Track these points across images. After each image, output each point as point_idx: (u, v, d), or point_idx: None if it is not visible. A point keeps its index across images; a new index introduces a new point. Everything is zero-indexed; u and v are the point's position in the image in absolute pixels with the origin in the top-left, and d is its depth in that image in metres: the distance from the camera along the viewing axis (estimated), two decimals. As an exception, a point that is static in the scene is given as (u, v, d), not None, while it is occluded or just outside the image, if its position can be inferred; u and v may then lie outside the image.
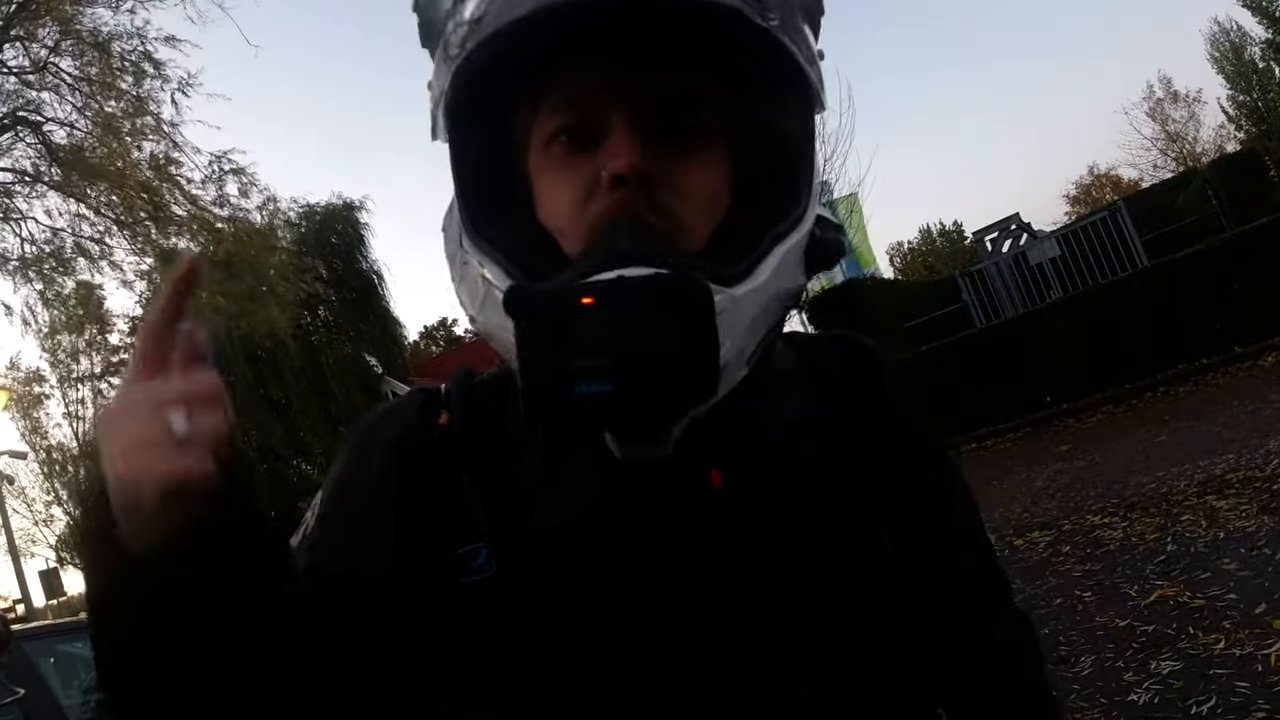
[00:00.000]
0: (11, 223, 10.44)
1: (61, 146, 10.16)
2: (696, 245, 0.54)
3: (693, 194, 0.54)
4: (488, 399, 0.59)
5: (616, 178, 0.51)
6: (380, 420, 0.64)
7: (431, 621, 0.53)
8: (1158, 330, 8.58)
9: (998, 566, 0.68)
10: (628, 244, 0.49)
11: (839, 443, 0.60)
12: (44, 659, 3.17)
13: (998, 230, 13.49)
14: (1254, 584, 3.25)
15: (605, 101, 0.53)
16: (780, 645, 0.53)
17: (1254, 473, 4.60)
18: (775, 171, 0.57)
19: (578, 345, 0.43)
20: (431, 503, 0.56)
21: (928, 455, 0.65)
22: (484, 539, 0.54)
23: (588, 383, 0.43)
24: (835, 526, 0.57)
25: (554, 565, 0.53)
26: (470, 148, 0.57)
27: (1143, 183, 26.69)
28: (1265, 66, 22.45)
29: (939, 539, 0.63)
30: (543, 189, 0.57)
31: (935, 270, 31.63)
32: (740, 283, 0.50)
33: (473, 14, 0.51)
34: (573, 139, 0.55)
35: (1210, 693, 2.60)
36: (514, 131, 0.58)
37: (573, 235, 0.54)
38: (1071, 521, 5.12)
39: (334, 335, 20.02)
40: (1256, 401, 6.36)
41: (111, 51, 9.94)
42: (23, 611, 13.70)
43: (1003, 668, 0.63)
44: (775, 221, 0.54)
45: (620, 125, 0.53)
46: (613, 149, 0.52)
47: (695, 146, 0.55)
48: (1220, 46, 23.45)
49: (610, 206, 0.52)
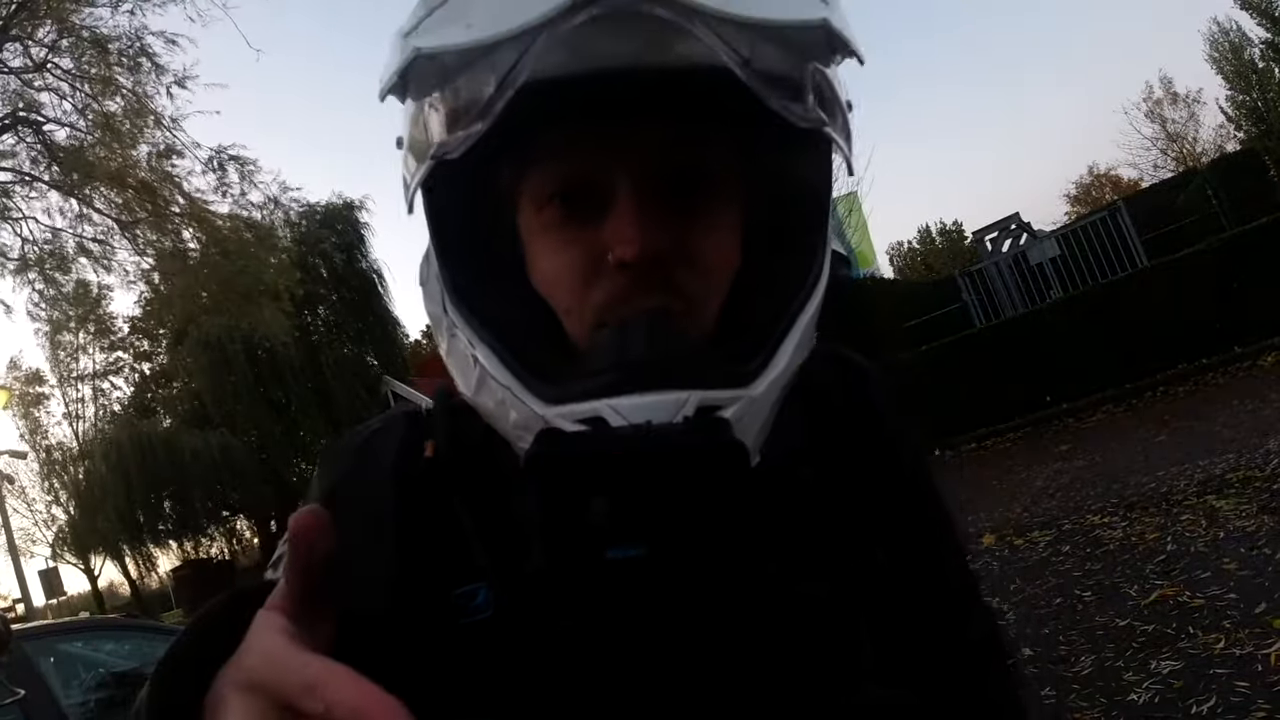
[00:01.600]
0: (11, 222, 10.46)
1: (61, 146, 10.18)
2: (709, 320, 0.51)
3: (707, 263, 0.50)
4: (473, 423, 0.54)
5: (625, 264, 0.47)
6: (367, 444, 0.59)
7: (428, 665, 0.50)
8: (1157, 330, 8.58)
9: (970, 567, 0.68)
10: (642, 350, 0.45)
11: (833, 462, 0.59)
12: (44, 659, 3.17)
13: (998, 230, 13.50)
14: (1254, 584, 3.25)
15: (604, 157, 0.48)
16: (788, 669, 0.52)
17: (1254, 472, 4.60)
18: (793, 229, 0.53)
19: (607, 507, 0.40)
20: (426, 538, 0.53)
21: (914, 469, 0.65)
22: (482, 578, 0.51)
23: (619, 547, 0.40)
24: (833, 546, 0.56)
25: (555, 608, 0.49)
26: (449, 208, 0.51)
27: (1143, 182, 26.74)
28: (1265, 67, 22.44)
29: (926, 552, 0.62)
30: (538, 257, 0.52)
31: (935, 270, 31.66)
32: (759, 377, 0.47)
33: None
34: (568, 204, 0.50)
35: (1210, 692, 2.60)
36: (498, 185, 0.53)
37: (576, 319, 0.50)
38: (1071, 521, 5.12)
39: (334, 335, 20.04)
40: (1256, 401, 6.37)
41: (110, 49, 9.95)
42: (22, 611, 13.70)
43: (976, 666, 0.63)
44: (794, 290, 0.50)
45: (625, 191, 0.48)
46: (619, 228, 0.47)
47: (706, 204, 0.50)
48: (1220, 47, 23.44)
49: (618, 296, 0.48)
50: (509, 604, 0.50)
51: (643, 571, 0.41)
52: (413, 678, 0.48)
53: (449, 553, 0.52)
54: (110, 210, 10.49)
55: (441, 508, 0.53)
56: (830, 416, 0.61)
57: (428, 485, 0.54)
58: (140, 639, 3.78)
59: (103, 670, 3.49)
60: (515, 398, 0.46)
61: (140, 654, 3.58)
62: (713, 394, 0.44)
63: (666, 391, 0.43)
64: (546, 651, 0.50)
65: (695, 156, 0.50)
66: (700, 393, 0.43)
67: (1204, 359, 8.39)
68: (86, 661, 3.52)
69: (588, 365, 0.47)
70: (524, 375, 0.47)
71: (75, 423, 20.79)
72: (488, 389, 0.48)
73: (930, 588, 0.61)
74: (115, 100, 10.06)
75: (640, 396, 0.43)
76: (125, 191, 10.13)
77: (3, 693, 2.48)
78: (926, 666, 0.58)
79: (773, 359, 0.48)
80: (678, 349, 0.46)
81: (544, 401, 0.45)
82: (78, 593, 26.51)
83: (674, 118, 0.48)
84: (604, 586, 0.42)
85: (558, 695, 0.50)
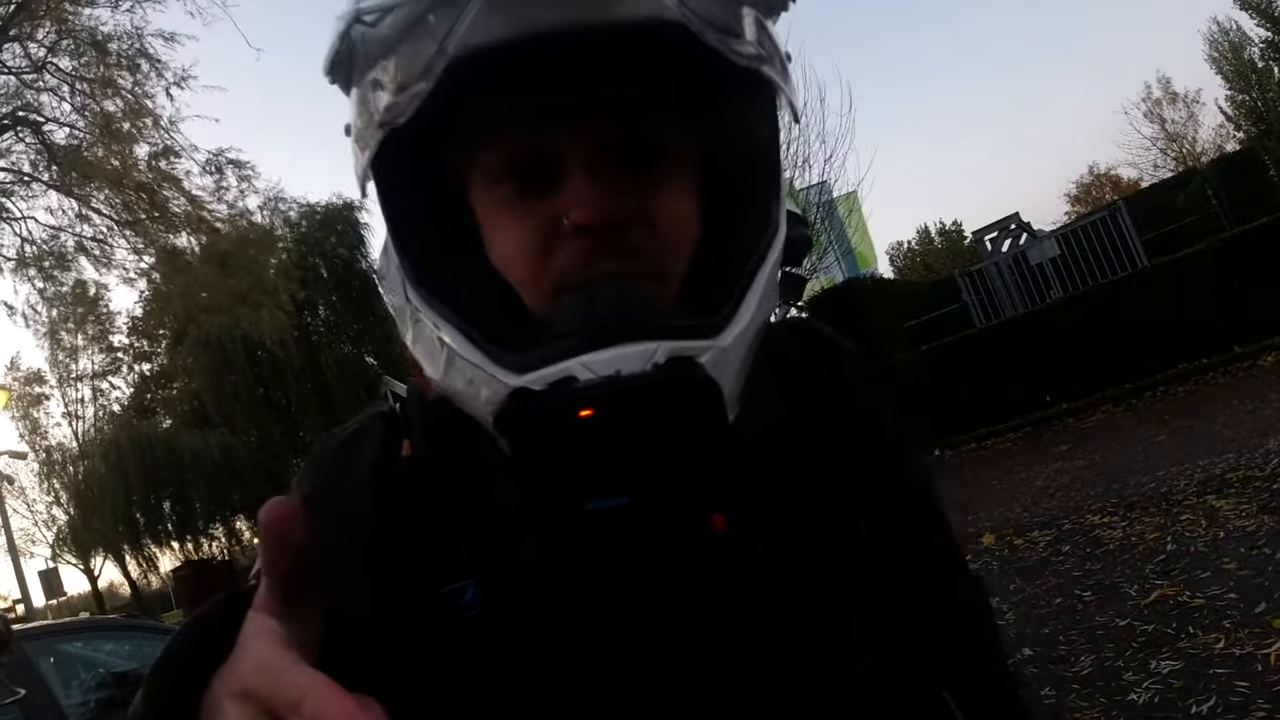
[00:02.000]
0: (11, 223, 10.46)
1: (61, 146, 10.18)
2: (673, 284, 0.51)
3: (666, 226, 0.50)
4: (449, 420, 0.53)
5: (581, 227, 0.46)
6: (344, 447, 0.58)
7: (420, 666, 0.49)
8: (1157, 330, 8.58)
9: (953, 534, 0.68)
10: (608, 311, 0.45)
11: (807, 436, 0.59)
12: (44, 659, 3.17)
13: (997, 230, 13.49)
14: (1254, 583, 3.25)
15: (554, 125, 0.48)
16: (777, 647, 0.52)
17: (1254, 472, 4.60)
18: (746, 184, 0.53)
19: (584, 460, 0.40)
20: (409, 539, 0.52)
21: (889, 441, 0.65)
22: (469, 575, 0.50)
23: (600, 498, 0.40)
24: (814, 521, 0.56)
25: (546, 601, 0.49)
26: (401, 189, 0.51)
27: (1142, 182, 26.74)
28: (1264, 66, 22.44)
29: (905, 522, 0.63)
30: (493, 232, 0.51)
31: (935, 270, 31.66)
32: (726, 328, 0.46)
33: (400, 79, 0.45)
34: (520, 177, 0.49)
35: (1210, 692, 2.60)
36: (448, 165, 0.52)
37: (535, 289, 0.50)
38: (1071, 521, 5.12)
39: (334, 335, 20.04)
40: (1256, 401, 6.36)
41: (109, 50, 9.95)
42: (22, 611, 13.70)
43: (959, 633, 0.63)
44: (752, 243, 0.50)
45: (576, 159, 0.48)
46: (574, 192, 0.47)
47: (661, 167, 0.50)
48: (1219, 47, 23.44)
49: (578, 261, 0.48)
50: (498, 599, 0.50)
51: (627, 521, 0.40)
52: (405, 680, 0.48)
53: (433, 551, 0.51)
54: (109, 210, 10.50)
55: (423, 506, 0.53)
56: (805, 391, 0.62)
57: (408, 485, 0.54)
58: (140, 639, 3.78)
59: (103, 670, 3.49)
60: (485, 374, 0.46)
61: (140, 654, 3.59)
62: (681, 344, 0.44)
63: (635, 343, 0.43)
64: (539, 646, 0.49)
65: (644, 121, 0.50)
66: (669, 343, 0.43)
67: (1204, 359, 8.38)
68: (86, 662, 3.53)
69: (554, 331, 0.46)
70: (491, 350, 0.46)
71: (75, 423, 20.80)
72: (456, 369, 0.48)
73: (911, 557, 0.62)
74: (114, 101, 10.08)
75: (609, 350, 0.43)
76: (124, 192, 10.13)
77: (3, 693, 2.48)
78: (911, 635, 0.59)
79: (738, 311, 0.47)
80: (644, 305, 0.46)
81: (513, 372, 0.45)
82: (78, 593, 26.53)
83: (618, 82, 0.47)
84: (588, 540, 0.41)
85: (551, 691, 0.49)
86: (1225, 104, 23.81)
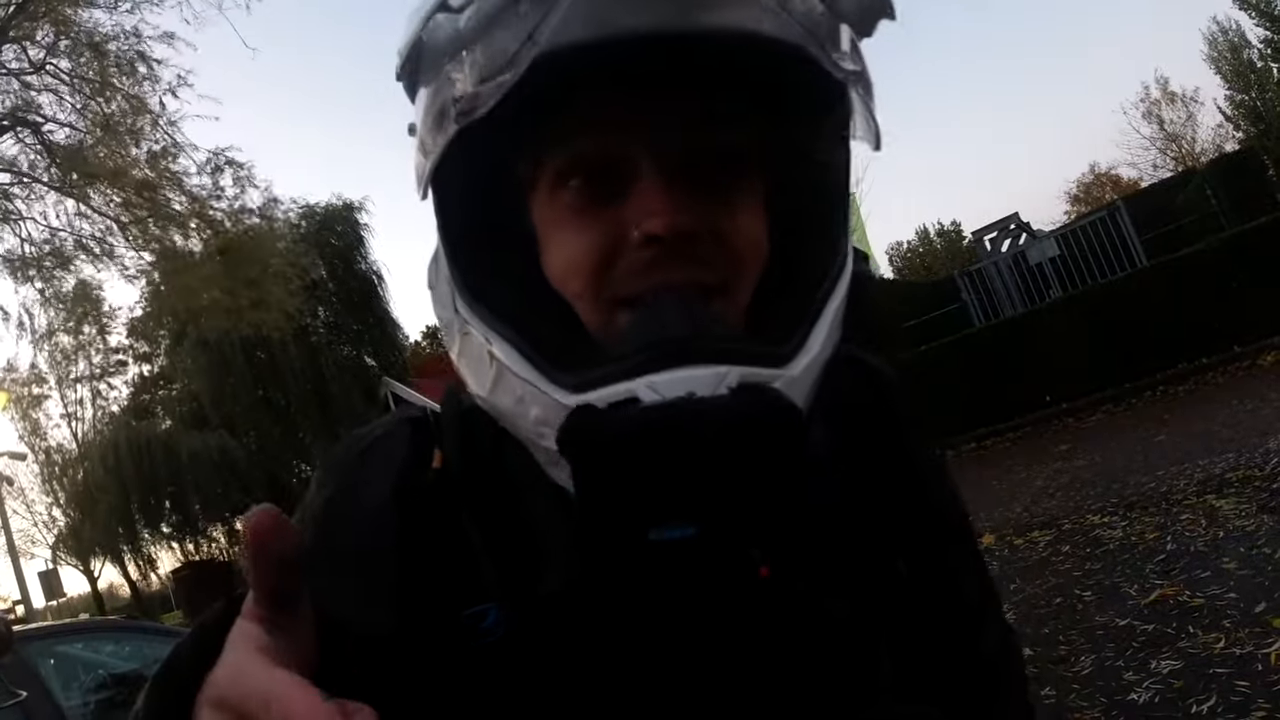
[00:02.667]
0: (11, 223, 10.45)
1: (60, 146, 10.17)
2: (741, 304, 0.48)
3: (737, 244, 0.47)
4: (483, 430, 0.52)
5: (652, 237, 0.44)
6: (369, 451, 0.56)
7: (437, 689, 0.47)
8: (1157, 330, 8.58)
9: (989, 577, 0.67)
10: (675, 327, 0.42)
11: (855, 472, 0.57)
12: (44, 660, 3.17)
13: (997, 230, 13.50)
14: (1254, 583, 3.25)
15: (626, 133, 0.46)
16: (809, 686, 0.50)
17: (1253, 472, 4.60)
18: (818, 210, 0.50)
19: (652, 486, 0.37)
20: (434, 554, 0.50)
21: (931, 476, 0.63)
22: (492, 598, 0.48)
23: (667, 528, 0.37)
24: (855, 557, 0.54)
25: (574, 631, 0.47)
26: (460, 197, 0.49)
27: (1142, 182, 26.74)
28: (1263, 66, 22.46)
29: (942, 560, 0.61)
30: (553, 242, 0.49)
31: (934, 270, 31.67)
32: (796, 357, 0.44)
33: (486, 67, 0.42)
34: (589, 183, 0.47)
35: (1210, 692, 2.60)
36: (512, 171, 0.50)
37: (593, 304, 0.47)
38: (1071, 521, 5.12)
39: (333, 336, 20.03)
40: (1256, 401, 6.37)
41: (107, 51, 9.94)
42: (22, 612, 13.70)
43: (988, 680, 0.61)
44: (822, 272, 0.48)
45: (650, 166, 0.46)
46: (645, 201, 0.45)
47: (733, 184, 0.48)
48: (1218, 46, 23.48)
49: (643, 272, 0.45)
50: (522, 626, 0.47)
51: (691, 554, 0.38)
52: (421, 702, 0.46)
53: (457, 571, 0.49)
54: (109, 209, 10.49)
55: (450, 523, 0.50)
56: (854, 423, 0.60)
57: (435, 499, 0.51)
58: (140, 640, 3.77)
59: (102, 672, 3.48)
60: (537, 390, 0.43)
61: (140, 655, 3.58)
62: (752, 370, 0.41)
63: (706, 366, 0.40)
64: (562, 679, 0.47)
65: (720, 133, 0.47)
66: (740, 368, 0.41)
67: (1203, 359, 8.39)
68: (86, 663, 3.52)
69: (615, 349, 0.44)
70: (545, 367, 0.44)
71: (74, 424, 20.79)
72: (505, 386, 0.46)
73: (945, 599, 0.60)
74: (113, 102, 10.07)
75: (677, 371, 0.40)
76: (124, 190, 10.12)
77: (3, 695, 2.48)
78: (940, 679, 0.57)
79: (807, 341, 0.45)
80: (713, 326, 0.44)
81: (569, 391, 0.42)
82: (78, 594, 26.51)
83: (699, 92, 0.45)
84: (649, 573, 0.39)
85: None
86: (1224, 104, 23.83)
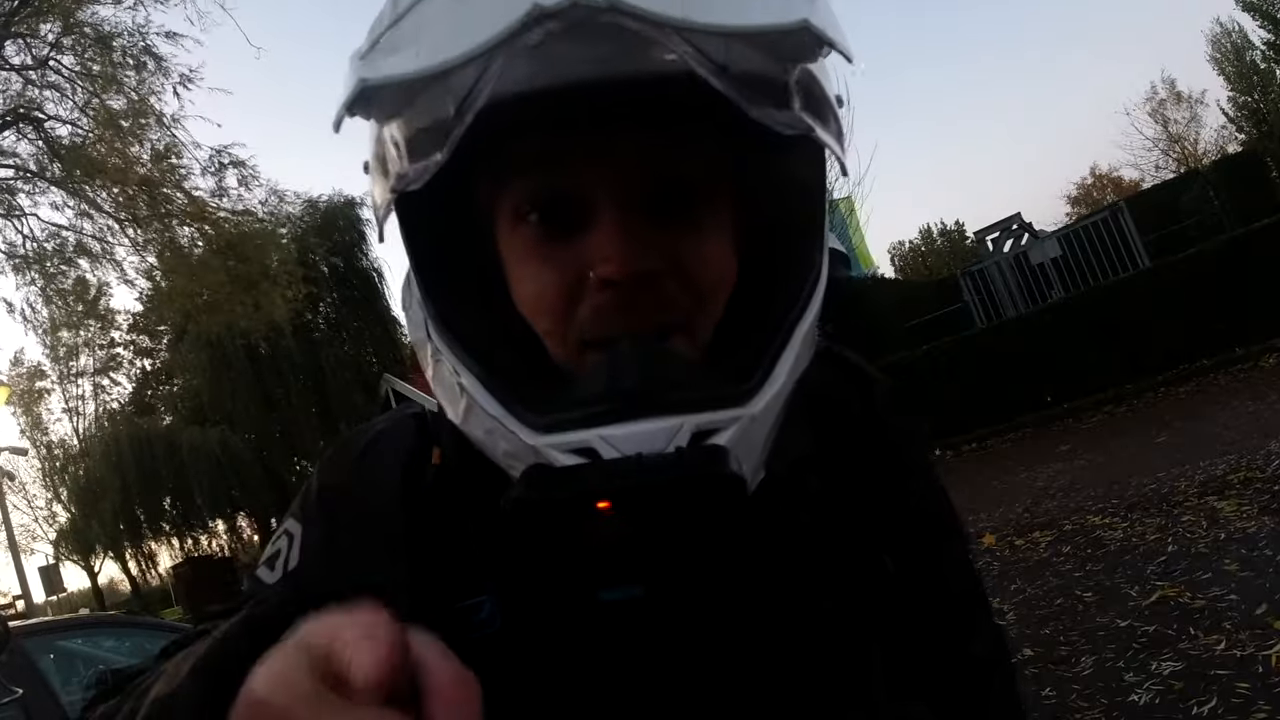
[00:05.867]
0: (14, 219, 10.46)
1: (63, 143, 10.17)
2: (704, 335, 0.48)
3: (698, 275, 0.47)
4: None
5: (608, 281, 0.44)
6: (373, 446, 0.57)
7: None
8: (1158, 331, 8.58)
9: (979, 581, 0.67)
10: (631, 378, 0.43)
11: (839, 472, 0.58)
12: (44, 656, 3.17)
13: (999, 230, 13.49)
14: (1255, 585, 3.25)
15: (581, 169, 0.45)
16: (801, 683, 0.51)
17: (1255, 473, 4.59)
18: (788, 228, 0.50)
19: (598, 551, 0.39)
20: (436, 546, 0.51)
21: (917, 476, 0.64)
22: (488, 591, 0.49)
23: (614, 589, 0.40)
24: (842, 557, 0.55)
25: (564, 622, 0.48)
26: (425, 228, 0.48)
27: (1144, 183, 26.73)
28: (1266, 68, 22.43)
29: (930, 559, 0.61)
30: (519, 277, 0.49)
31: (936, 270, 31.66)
32: (757, 395, 0.44)
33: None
34: (548, 218, 0.47)
35: (1211, 693, 2.60)
36: (474, 202, 0.50)
37: (559, 341, 0.48)
38: (1072, 522, 5.12)
39: (334, 333, 20.03)
40: (1257, 402, 6.36)
41: (113, 47, 9.94)
42: (23, 608, 13.70)
43: (978, 683, 0.62)
44: (793, 293, 0.48)
45: (605, 204, 0.45)
46: (600, 243, 0.44)
47: (694, 214, 0.47)
48: (1222, 48, 23.45)
49: (603, 317, 0.45)
50: (516, 618, 0.48)
51: (639, 612, 0.39)
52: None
53: (454, 563, 0.50)
54: (111, 207, 10.49)
55: (449, 517, 0.52)
56: (837, 424, 0.60)
57: (435, 493, 0.53)
58: (140, 636, 3.78)
59: (102, 667, 3.49)
60: (504, 428, 0.44)
61: (140, 651, 3.58)
62: (708, 417, 0.42)
63: (659, 418, 0.41)
64: (556, 669, 0.47)
65: (679, 164, 0.47)
66: (695, 417, 0.41)
67: (1205, 360, 8.38)
68: (86, 658, 3.53)
69: (577, 393, 0.44)
70: (512, 404, 0.44)
71: (75, 419, 20.82)
72: (476, 417, 0.46)
73: (934, 598, 0.60)
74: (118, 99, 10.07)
75: (632, 425, 0.41)
76: (126, 188, 10.12)
77: (1, 692, 2.47)
78: (931, 678, 0.58)
79: (771, 374, 0.45)
80: (670, 373, 0.44)
81: (534, 431, 0.43)
82: (78, 589, 26.55)
83: (653, 124, 0.44)
84: (600, 628, 0.40)
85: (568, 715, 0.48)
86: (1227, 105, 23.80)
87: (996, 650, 0.65)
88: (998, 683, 0.64)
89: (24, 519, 22.20)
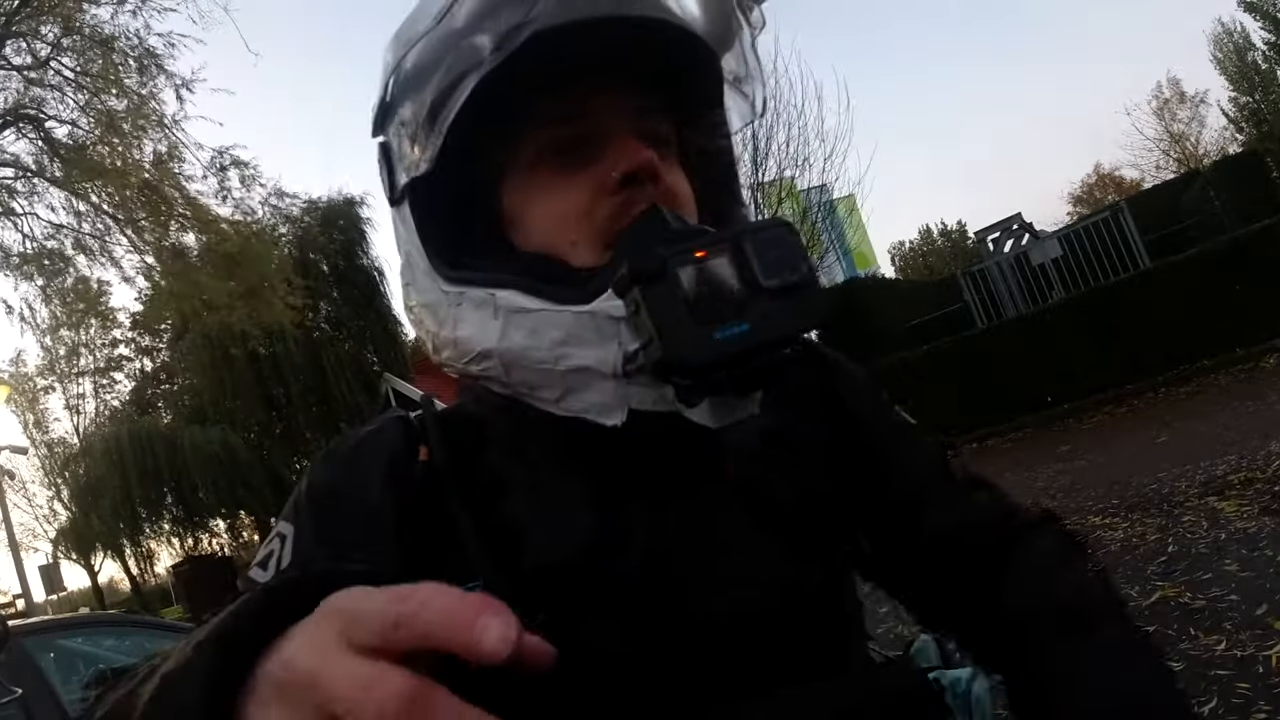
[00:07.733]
0: (13, 219, 10.45)
1: (63, 143, 10.16)
2: None
3: (684, 196, 0.57)
4: (463, 433, 0.56)
5: (628, 175, 0.52)
6: (360, 446, 0.59)
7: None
8: (1159, 331, 8.57)
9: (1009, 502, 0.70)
10: (668, 228, 0.51)
11: (805, 447, 0.61)
12: (44, 655, 3.17)
13: (1000, 230, 13.47)
14: (1255, 585, 3.24)
15: (600, 113, 0.55)
16: (788, 655, 0.52)
17: (1255, 474, 4.59)
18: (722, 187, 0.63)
19: (704, 296, 0.44)
20: (425, 539, 0.53)
21: (884, 434, 0.66)
22: (477, 579, 0.51)
23: (725, 327, 0.44)
24: (817, 532, 0.57)
25: (554, 603, 0.50)
26: (435, 192, 0.57)
27: (1145, 183, 26.72)
28: (1268, 69, 22.43)
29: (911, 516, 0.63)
30: (537, 210, 0.56)
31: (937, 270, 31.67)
32: None
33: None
34: (565, 154, 0.55)
35: (1211, 693, 2.60)
36: (484, 169, 0.58)
37: (583, 243, 0.54)
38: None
39: (335, 332, 20.02)
40: (1258, 402, 6.36)
41: (114, 48, 9.93)
42: (23, 607, 13.71)
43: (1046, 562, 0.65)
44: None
45: (619, 130, 0.55)
46: (621, 150, 0.53)
47: (667, 165, 0.57)
48: (1223, 48, 23.45)
49: (626, 203, 0.53)
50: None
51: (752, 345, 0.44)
52: None
53: (444, 556, 0.52)
54: (110, 208, 10.48)
55: (437, 511, 0.53)
56: (796, 403, 0.63)
57: (424, 489, 0.54)
58: (140, 635, 3.78)
59: (103, 666, 3.49)
60: (551, 313, 0.50)
61: (141, 650, 3.59)
62: None
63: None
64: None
65: (660, 123, 0.58)
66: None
67: (1205, 360, 8.37)
68: (87, 657, 3.52)
69: (609, 273, 0.50)
70: (555, 294, 0.51)
71: (76, 418, 20.82)
72: (515, 326, 0.51)
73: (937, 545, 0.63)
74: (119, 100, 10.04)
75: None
76: (126, 189, 10.10)
77: (0, 691, 2.47)
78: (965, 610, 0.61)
79: None
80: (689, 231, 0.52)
81: (580, 305, 0.49)
82: (78, 588, 26.57)
83: (638, 90, 0.56)
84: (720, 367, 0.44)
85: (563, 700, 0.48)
86: (1228, 106, 23.80)
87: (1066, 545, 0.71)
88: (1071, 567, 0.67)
89: (24, 517, 22.18)
